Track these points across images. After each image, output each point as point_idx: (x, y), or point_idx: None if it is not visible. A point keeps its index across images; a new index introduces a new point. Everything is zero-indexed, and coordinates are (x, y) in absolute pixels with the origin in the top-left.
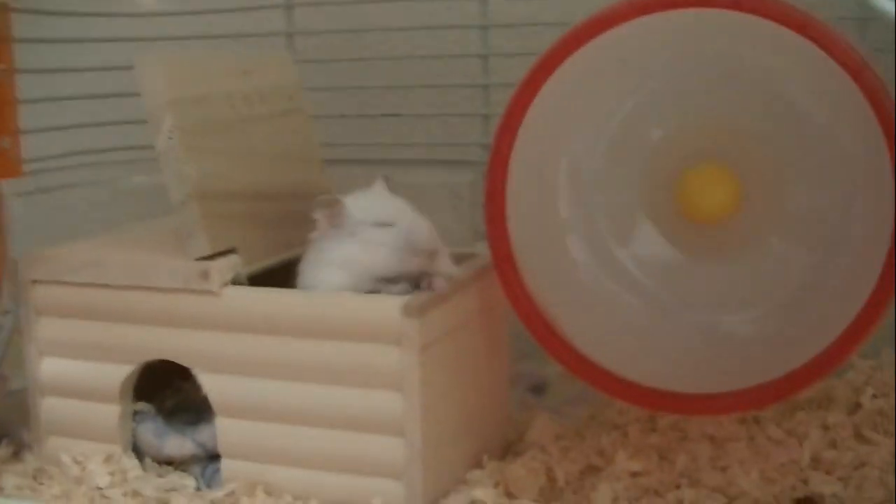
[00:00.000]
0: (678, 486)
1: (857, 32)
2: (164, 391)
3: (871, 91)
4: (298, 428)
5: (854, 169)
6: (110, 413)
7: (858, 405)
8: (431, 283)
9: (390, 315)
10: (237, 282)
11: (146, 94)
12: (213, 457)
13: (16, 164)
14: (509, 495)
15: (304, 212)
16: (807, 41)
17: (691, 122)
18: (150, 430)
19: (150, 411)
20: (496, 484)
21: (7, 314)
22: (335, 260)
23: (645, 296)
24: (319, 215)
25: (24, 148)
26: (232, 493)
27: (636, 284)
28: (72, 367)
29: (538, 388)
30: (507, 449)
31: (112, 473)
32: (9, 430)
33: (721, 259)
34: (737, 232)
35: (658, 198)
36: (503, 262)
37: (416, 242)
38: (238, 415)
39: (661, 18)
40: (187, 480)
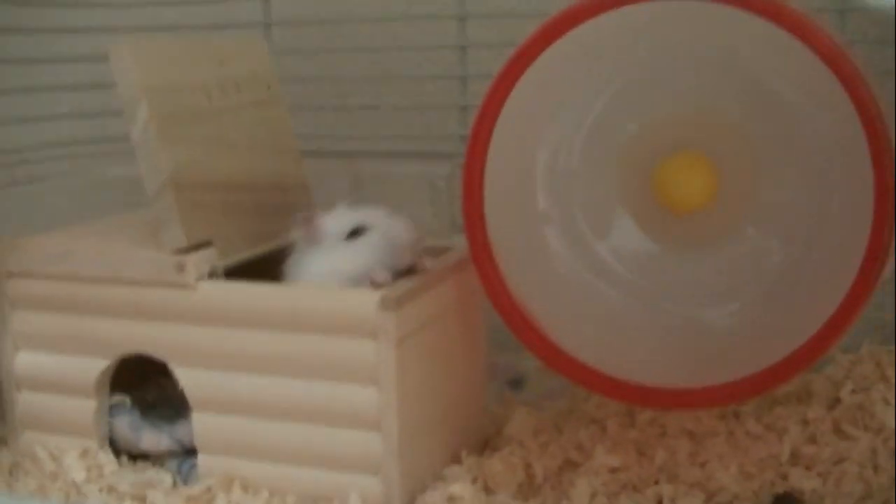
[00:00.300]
0: (657, 482)
1: (837, 23)
2: (145, 385)
3: (849, 79)
4: (275, 422)
5: (833, 159)
6: (86, 407)
7: (838, 400)
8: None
9: (366, 308)
10: (213, 275)
11: (120, 83)
12: (189, 451)
13: None
14: (487, 490)
15: (281, 203)
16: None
17: (668, 112)
18: (127, 424)
19: (126, 405)
20: (474, 479)
21: None
22: (323, 274)
23: (623, 288)
24: (296, 233)
25: None
26: (209, 488)
27: (614, 277)
28: (47, 360)
29: (517, 382)
30: (486, 443)
31: (88, 468)
32: None
33: (699, 251)
34: (714, 223)
35: (635, 189)
36: (480, 254)
37: (398, 238)
38: (214, 409)
39: (637, 10)
40: (164, 476)
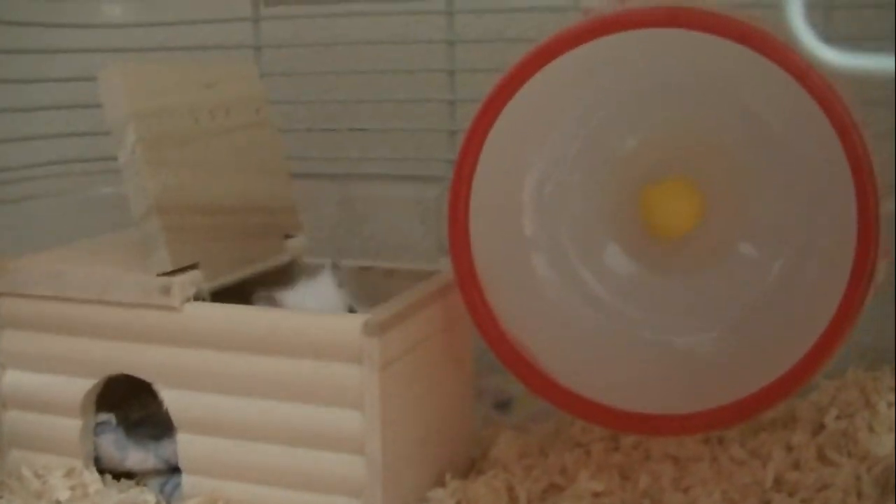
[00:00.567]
0: None
1: (822, 21)
2: (131, 403)
3: (820, 94)
4: (259, 444)
5: (816, 178)
6: (72, 427)
7: (822, 426)
8: None
9: (351, 333)
10: (199, 297)
11: (108, 107)
12: (174, 470)
13: None
14: None
15: (268, 225)
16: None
17: (654, 136)
18: (112, 443)
19: (112, 423)
20: (458, 502)
21: None
22: None
23: (610, 314)
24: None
25: None
26: None
27: (601, 302)
28: (34, 380)
29: (503, 405)
30: (472, 466)
31: (73, 487)
32: None
33: (685, 275)
34: (701, 247)
35: (623, 214)
36: (466, 279)
37: None
38: (199, 430)
39: (625, 36)
40: (148, 496)
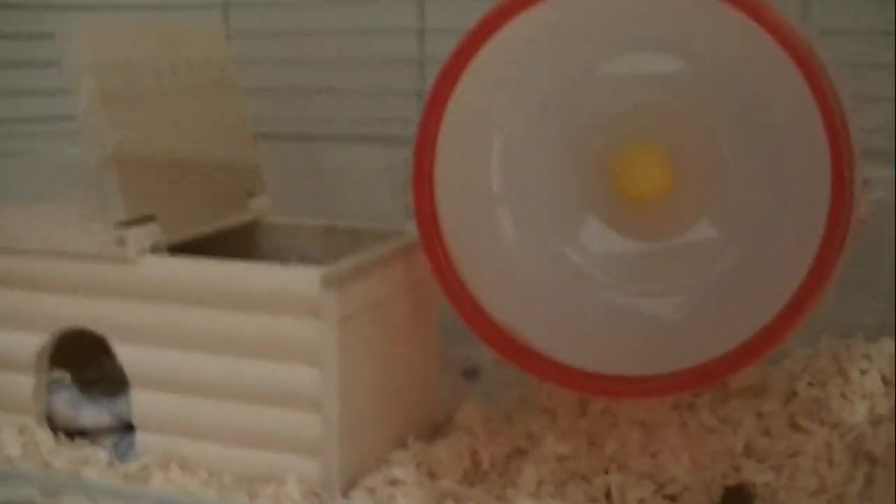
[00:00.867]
0: (606, 472)
1: (801, 13)
2: (86, 363)
3: (772, 25)
4: (214, 401)
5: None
6: (24, 384)
7: (794, 393)
8: None
9: (308, 286)
10: (156, 250)
11: (66, 57)
12: (130, 428)
13: None
14: (432, 476)
15: (230, 185)
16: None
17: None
18: (65, 401)
19: (65, 381)
20: (418, 464)
21: None
22: None
23: (578, 276)
24: None
25: None
26: (146, 466)
27: (567, 264)
28: None
29: (471, 373)
30: (435, 431)
31: (24, 445)
32: None
33: (655, 240)
34: (670, 214)
35: (592, 178)
36: (430, 238)
37: None
38: (153, 386)
39: None
40: (101, 453)
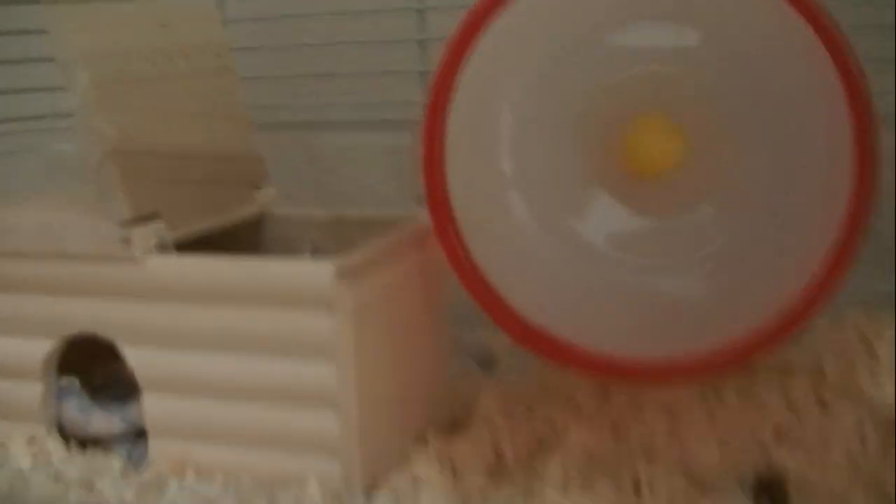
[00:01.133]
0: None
1: None
2: (95, 367)
3: (830, 39)
4: (229, 403)
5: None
6: (33, 391)
7: (821, 372)
8: None
9: (321, 279)
10: (162, 248)
11: (57, 48)
12: (142, 434)
13: None
14: (455, 472)
15: (231, 175)
16: None
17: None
18: (76, 407)
19: (74, 387)
20: (441, 460)
21: None
22: None
23: (592, 255)
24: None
25: None
26: (160, 474)
27: (580, 243)
28: None
29: (487, 360)
30: (454, 423)
31: (35, 455)
32: None
33: (669, 219)
34: (683, 190)
35: (603, 155)
36: (443, 225)
37: None
38: (165, 389)
39: None
40: (114, 462)
